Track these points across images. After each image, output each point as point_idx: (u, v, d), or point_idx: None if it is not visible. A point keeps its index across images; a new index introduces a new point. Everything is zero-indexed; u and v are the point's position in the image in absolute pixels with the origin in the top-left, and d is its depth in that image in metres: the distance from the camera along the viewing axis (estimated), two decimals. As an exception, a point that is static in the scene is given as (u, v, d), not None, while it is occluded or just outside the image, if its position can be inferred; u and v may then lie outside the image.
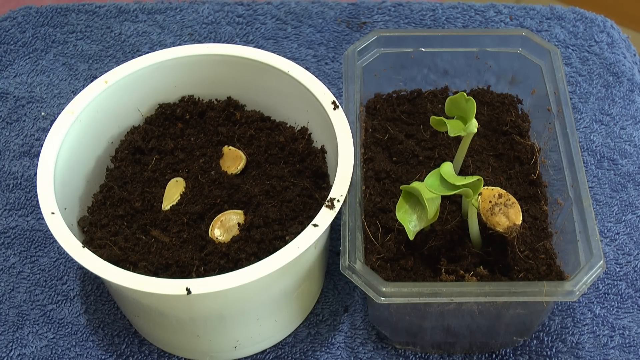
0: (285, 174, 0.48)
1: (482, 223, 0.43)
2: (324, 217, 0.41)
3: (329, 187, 0.46)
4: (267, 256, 0.40)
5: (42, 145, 0.46)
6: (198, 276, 0.42)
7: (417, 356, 0.47)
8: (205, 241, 0.44)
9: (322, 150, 0.50)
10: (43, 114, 0.62)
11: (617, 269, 0.52)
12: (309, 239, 0.40)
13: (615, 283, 0.51)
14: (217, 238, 0.44)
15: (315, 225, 0.41)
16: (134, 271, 0.40)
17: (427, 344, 0.47)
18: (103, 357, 0.48)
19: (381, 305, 0.41)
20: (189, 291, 0.38)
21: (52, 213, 0.42)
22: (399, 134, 0.52)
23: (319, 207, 0.43)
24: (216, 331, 0.45)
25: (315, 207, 0.46)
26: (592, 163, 0.58)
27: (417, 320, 0.45)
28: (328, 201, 0.42)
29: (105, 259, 0.41)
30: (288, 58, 0.50)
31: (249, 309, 0.43)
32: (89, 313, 0.50)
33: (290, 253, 0.40)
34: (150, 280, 0.39)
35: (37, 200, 0.43)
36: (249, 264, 0.40)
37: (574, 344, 0.48)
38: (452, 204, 0.47)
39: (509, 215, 0.42)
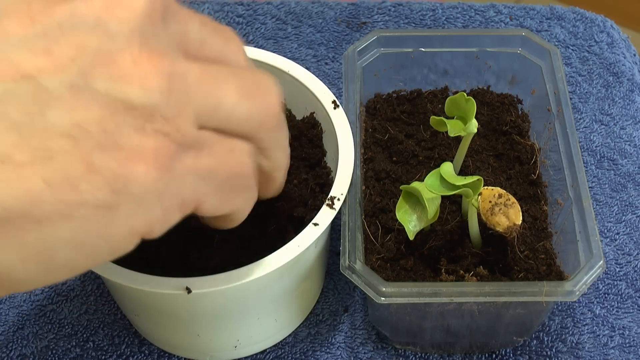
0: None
1: (482, 223, 0.43)
2: (325, 216, 0.41)
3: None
4: (267, 255, 0.40)
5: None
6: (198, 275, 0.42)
7: (417, 356, 0.47)
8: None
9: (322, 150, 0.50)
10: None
11: (617, 269, 0.52)
12: (310, 237, 0.40)
13: (615, 283, 0.51)
14: None
15: (315, 224, 0.41)
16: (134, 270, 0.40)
17: (427, 344, 0.47)
18: (103, 357, 0.48)
19: (381, 305, 0.41)
20: (188, 290, 0.38)
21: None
22: (399, 134, 0.52)
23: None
24: (216, 330, 0.45)
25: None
26: (592, 163, 0.58)
27: (417, 320, 0.45)
28: (328, 200, 0.42)
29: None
30: (288, 58, 0.50)
31: (249, 308, 0.43)
32: (89, 313, 0.50)
33: (291, 252, 0.40)
34: (150, 279, 0.39)
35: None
36: (249, 262, 0.40)
37: (574, 344, 0.48)
38: (452, 204, 0.47)
39: (509, 215, 0.42)
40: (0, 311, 0.50)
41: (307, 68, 0.49)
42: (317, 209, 0.42)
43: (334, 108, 0.47)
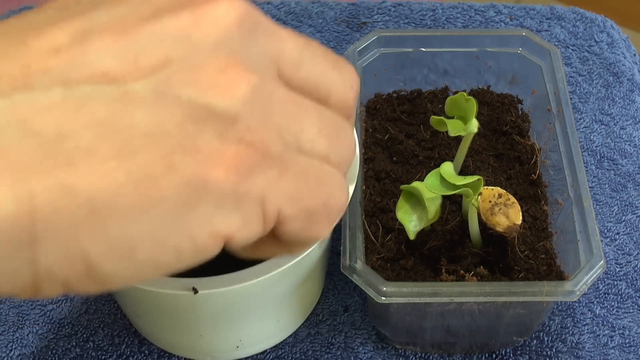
0: None
1: (482, 223, 0.43)
2: None
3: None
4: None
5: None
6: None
7: (417, 356, 0.47)
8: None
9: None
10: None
11: (617, 269, 0.52)
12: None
13: (615, 283, 0.51)
14: None
15: None
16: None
17: (427, 344, 0.47)
18: (103, 357, 0.48)
19: (381, 305, 0.41)
20: (195, 290, 0.38)
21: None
22: (399, 134, 0.52)
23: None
24: (220, 331, 0.45)
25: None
26: (592, 163, 0.58)
27: (417, 320, 0.45)
28: None
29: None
30: (288, 58, 0.50)
31: (253, 308, 0.43)
32: (89, 313, 0.50)
33: (295, 253, 0.40)
34: (157, 279, 0.39)
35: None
36: (253, 263, 0.40)
37: (574, 344, 0.48)
38: (452, 204, 0.47)
39: (509, 215, 0.42)
40: (0, 311, 0.50)
41: (307, 68, 0.49)
42: None
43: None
